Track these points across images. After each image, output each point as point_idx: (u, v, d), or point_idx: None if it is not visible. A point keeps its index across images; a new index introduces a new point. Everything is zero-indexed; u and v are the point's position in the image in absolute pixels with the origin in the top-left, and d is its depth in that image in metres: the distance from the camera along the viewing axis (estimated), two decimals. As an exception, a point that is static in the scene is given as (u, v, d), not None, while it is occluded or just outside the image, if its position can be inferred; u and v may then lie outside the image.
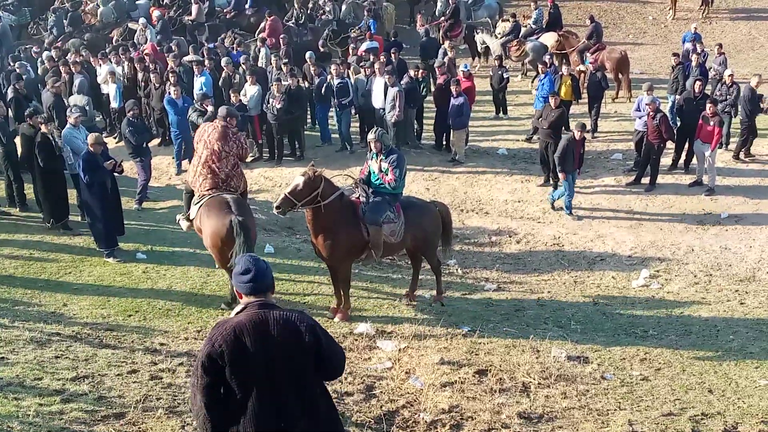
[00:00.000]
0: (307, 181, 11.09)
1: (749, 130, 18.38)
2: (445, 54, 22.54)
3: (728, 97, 18.61)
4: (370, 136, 11.95)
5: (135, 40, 24.36)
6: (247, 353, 5.08)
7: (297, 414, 5.26)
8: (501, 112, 22.52)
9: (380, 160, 11.75)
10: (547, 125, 17.49)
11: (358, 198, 11.87)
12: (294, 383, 5.24)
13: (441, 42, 25.43)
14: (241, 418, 5.16)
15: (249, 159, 19.39)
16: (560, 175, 16.47)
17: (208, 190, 11.90)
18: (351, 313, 11.95)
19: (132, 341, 10.70)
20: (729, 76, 18.98)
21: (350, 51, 22.82)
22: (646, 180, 17.81)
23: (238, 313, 5.30)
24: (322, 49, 22.49)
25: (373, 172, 11.85)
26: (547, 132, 17.57)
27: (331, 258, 11.76)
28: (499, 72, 22.02)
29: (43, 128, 14.74)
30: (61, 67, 20.29)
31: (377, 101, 19.17)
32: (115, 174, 14.04)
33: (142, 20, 25.11)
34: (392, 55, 21.68)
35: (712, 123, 16.95)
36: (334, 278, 12.10)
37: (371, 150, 11.92)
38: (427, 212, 12.44)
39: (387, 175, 11.67)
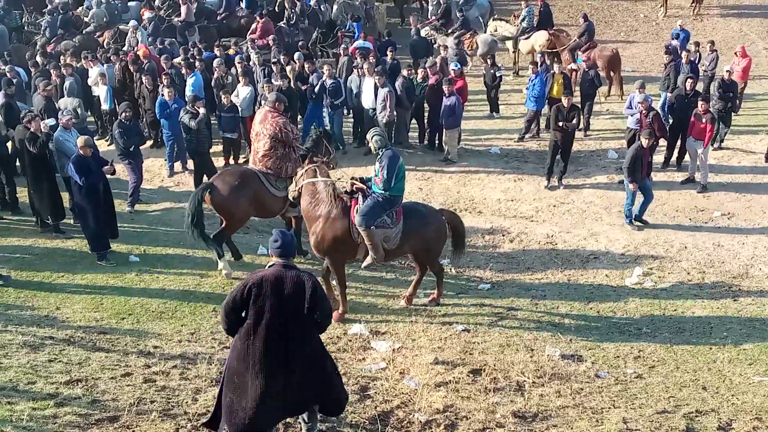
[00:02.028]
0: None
1: None
2: (437, 54, 22.61)
3: (729, 93, 18.66)
4: (368, 136, 12.04)
5: (127, 42, 24.29)
6: (264, 295, 7.30)
7: (297, 345, 7.44)
8: (494, 111, 22.53)
9: (376, 161, 11.77)
10: (570, 127, 17.54)
11: (356, 199, 11.86)
12: (295, 323, 7.38)
13: (433, 42, 25.45)
14: (252, 337, 7.37)
15: (241, 159, 19.40)
16: (630, 186, 15.92)
17: (252, 165, 13.86)
18: (345, 314, 11.95)
19: (125, 344, 10.69)
20: (727, 71, 19.03)
21: (341, 52, 22.77)
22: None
23: (269, 267, 7.48)
24: (300, 50, 22.25)
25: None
26: (564, 132, 17.52)
27: (316, 248, 11.88)
28: (492, 71, 22.04)
29: (32, 126, 14.67)
30: (51, 70, 20.20)
31: (367, 101, 19.15)
32: (107, 176, 14.03)
33: (132, 22, 25.01)
34: (388, 55, 21.69)
35: (704, 120, 16.98)
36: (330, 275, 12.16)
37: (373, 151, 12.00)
38: (431, 221, 12.24)
39: (377, 175, 11.67)
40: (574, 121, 17.60)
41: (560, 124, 17.44)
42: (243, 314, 7.45)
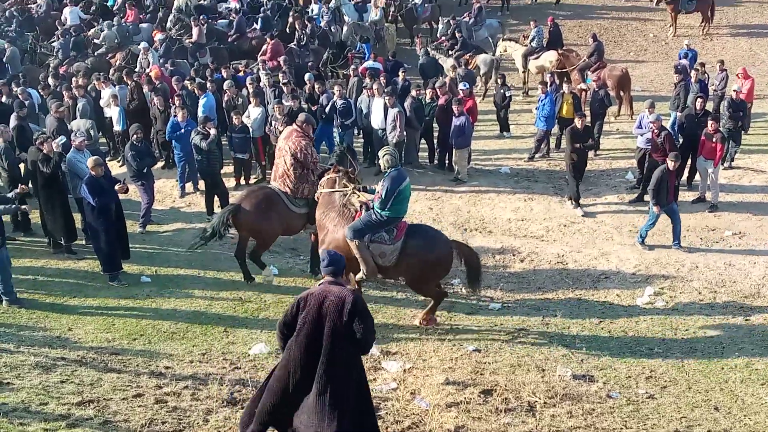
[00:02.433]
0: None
1: None
2: (446, 74, 22.70)
3: (739, 112, 18.65)
4: (380, 153, 12.36)
5: (138, 64, 24.42)
6: (308, 307, 7.80)
7: (330, 360, 7.70)
8: (504, 131, 22.58)
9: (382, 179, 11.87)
10: (587, 148, 17.56)
11: (361, 210, 12.01)
12: (333, 336, 7.68)
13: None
14: (293, 347, 7.84)
15: (252, 180, 19.48)
16: (654, 208, 15.74)
17: (272, 181, 14.28)
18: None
19: (137, 365, 10.71)
20: (735, 91, 19.01)
21: (351, 72, 22.88)
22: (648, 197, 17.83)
23: (319, 284, 8.03)
24: (310, 71, 22.39)
25: None
26: (579, 153, 17.46)
27: None
28: (502, 90, 22.09)
29: (45, 148, 14.80)
30: (63, 92, 20.32)
31: (376, 121, 19.23)
32: (120, 195, 14.11)
33: (143, 44, 25.17)
34: (400, 76, 21.77)
35: (714, 139, 16.98)
36: None
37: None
38: (435, 247, 12.07)
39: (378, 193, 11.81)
40: (590, 142, 17.56)
41: (577, 145, 17.39)
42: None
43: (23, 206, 14.03)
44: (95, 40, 27.11)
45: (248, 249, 14.07)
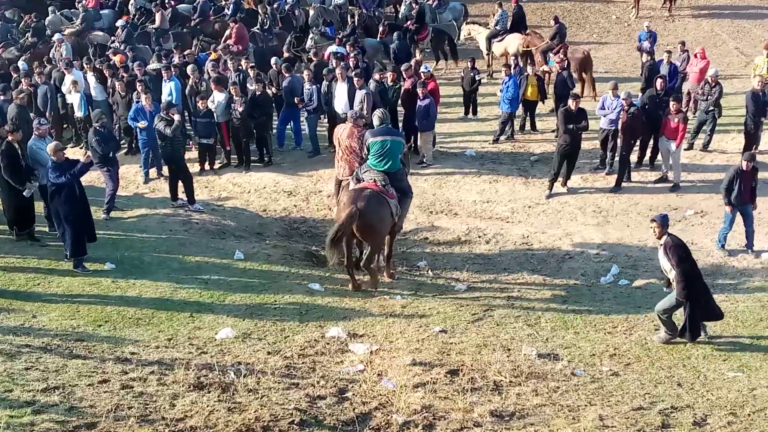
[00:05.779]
0: None
1: None
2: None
3: (710, 97, 18.81)
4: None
5: (50, 56, 23.80)
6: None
7: None
8: (471, 113, 22.63)
9: None
10: (580, 129, 17.33)
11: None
12: None
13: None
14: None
15: (217, 165, 19.41)
16: (726, 209, 15.09)
17: (347, 176, 14.51)
18: (322, 316, 12.04)
19: (102, 351, 10.65)
20: (711, 76, 19.11)
21: (313, 56, 22.79)
22: (614, 177, 17.95)
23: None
24: (285, 54, 22.47)
25: None
26: (572, 135, 17.29)
27: None
28: (471, 74, 22.11)
29: (10, 137, 14.63)
30: (22, 79, 20.01)
31: (339, 106, 19.15)
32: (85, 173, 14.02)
33: (57, 36, 24.51)
34: (355, 59, 21.69)
35: (676, 120, 17.14)
36: None
37: None
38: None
39: None
40: (583, 124, 17.52)
41: (570, 126, 17.27)
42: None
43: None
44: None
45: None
